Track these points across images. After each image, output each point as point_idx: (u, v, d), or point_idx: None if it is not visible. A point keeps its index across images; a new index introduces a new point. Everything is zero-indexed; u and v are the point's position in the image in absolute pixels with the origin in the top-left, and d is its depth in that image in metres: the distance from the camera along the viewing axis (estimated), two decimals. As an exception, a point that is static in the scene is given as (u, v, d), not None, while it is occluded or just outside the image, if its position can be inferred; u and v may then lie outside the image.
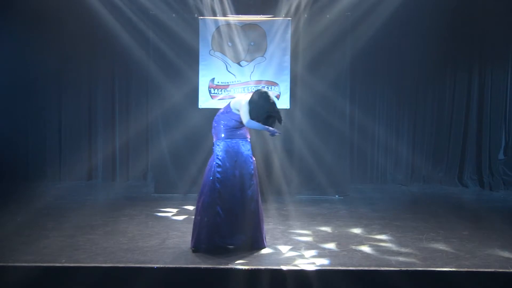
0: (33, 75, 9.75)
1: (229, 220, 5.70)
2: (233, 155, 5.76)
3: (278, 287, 4.98)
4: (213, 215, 5.67)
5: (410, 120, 10.00)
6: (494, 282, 5.05)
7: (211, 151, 8.53)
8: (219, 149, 5.78)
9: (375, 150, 9.98)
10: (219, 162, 5.74)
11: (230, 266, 5.22)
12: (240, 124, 5.77)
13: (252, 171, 5.81)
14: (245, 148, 5.82)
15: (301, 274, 5.04)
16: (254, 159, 5.91)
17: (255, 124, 5.65)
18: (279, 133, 5.86)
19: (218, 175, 5.72)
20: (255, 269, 5.10)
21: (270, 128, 5.68)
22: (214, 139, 5.86)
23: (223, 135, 5.78)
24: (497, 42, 9.74)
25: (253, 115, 5.63)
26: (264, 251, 5.76)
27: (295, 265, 5.30)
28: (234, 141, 5.79)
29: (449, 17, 9.54)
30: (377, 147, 9.98)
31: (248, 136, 5.90)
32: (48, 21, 9.42)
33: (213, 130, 5.89)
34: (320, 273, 5.09)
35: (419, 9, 9.35)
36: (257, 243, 5.81)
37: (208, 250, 5.63)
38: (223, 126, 5.79)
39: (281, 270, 5.10)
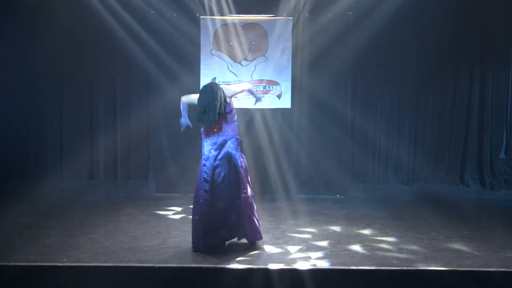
0: (34, 75, 9.76)
1: (215, 218, 5.69)
2: (217, 153, 5.73)
3: (279, 286, 4.98)
4: (202, 214, 5.68)
5: (411, 120, 9.99)
6: (495, 282, 5.06)
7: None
8: (206, 147, 5.76)
9: (376, 149, 9.98)
10: (204, 161, 5.74)
11: (231, 265, 5.23)
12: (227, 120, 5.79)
13: (237, 169, 5.73)
14: (232, 146, 5.77)
15: (302, 274, 5.04)
16: (243, 157, 5.89)
17: (183, 106, 6.02)
18: (184, 126, 6.06)
19: (204, 174, 5.72)
20: (256, 268, 5.12)
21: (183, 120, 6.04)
22: (202, 137, 5.83)
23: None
24: (499, 41, 9.73)
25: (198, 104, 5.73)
26: (265, 250, 5.76)
27: (296, 265, 5.30)
28: (220, 139, 5.77)
29: (450, 17, 9.55)
30: (379, 146, 9.97)
31: (237, 134, 5.86)
32: (49, 22, 9.45)
33: (201, 128, 5.85)
34: (321, 273, 5.11)
35: (420, 8, 9.36)
36: (251, 237, 5.83)
37: (207, 249, 5.63)
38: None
39: (282, 269, 5.11)
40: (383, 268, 5.16)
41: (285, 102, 8.86)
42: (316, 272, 5.08)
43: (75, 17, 9.36)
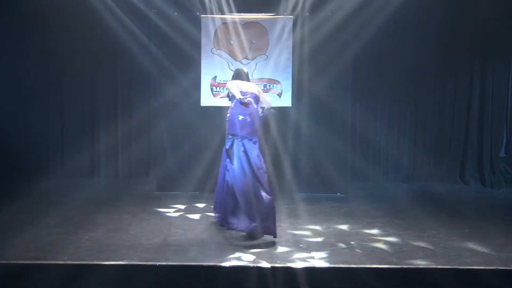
0: (35, 74, 9.79)
1: None
2: None
3: (279, 284, 5.00)
4: None
5: (411, 118, 10.01)
6: (495, 280, 5.07)
7: (213, 149, 8.68)
8: None
9: (377, 148, 10.00)
10: None
11: (232, 263, 5.24)
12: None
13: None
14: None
15: (302, 272, 5.06)
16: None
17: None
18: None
19: None
20: (256, 267, 5.13)
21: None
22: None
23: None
24: (499, 40, 9.75)
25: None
26: (266, 248, 5.77)
27: (296, 263, 5.31)
28: None
29: (451, 15, 9.57)
30: (379, 145, 10.00)
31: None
32: (50, 21, 9.45)
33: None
34: (322, 271, 5.12)
35: (420, 8, 9.36)
36: None
37: None
38: None
39: (282, 267, 5.12)
40: (383, 266, 5.17)
41: (286, 101, 8.88)
42: (316, 271, 5.10)
43: (77, 18, 9.35)
